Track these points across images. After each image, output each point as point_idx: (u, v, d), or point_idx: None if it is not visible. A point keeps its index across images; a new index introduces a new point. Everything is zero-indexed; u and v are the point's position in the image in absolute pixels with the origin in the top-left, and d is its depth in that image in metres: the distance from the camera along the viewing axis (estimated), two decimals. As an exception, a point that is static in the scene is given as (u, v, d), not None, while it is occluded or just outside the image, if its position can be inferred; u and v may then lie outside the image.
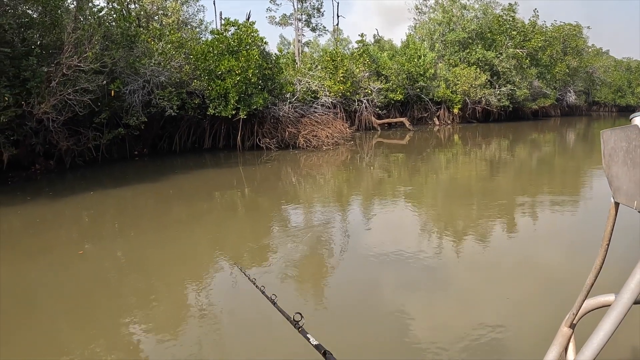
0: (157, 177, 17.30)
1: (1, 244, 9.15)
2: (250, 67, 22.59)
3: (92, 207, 12.42)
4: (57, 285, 6.91)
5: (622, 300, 1.14)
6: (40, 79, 15.91)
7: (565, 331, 1.63)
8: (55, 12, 17.45)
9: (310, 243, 8.47)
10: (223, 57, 22.83)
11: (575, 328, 1.64)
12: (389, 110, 38.13)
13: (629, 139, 1.18)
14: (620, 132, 1.24)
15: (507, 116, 46.80)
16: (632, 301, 1.14)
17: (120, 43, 20.13)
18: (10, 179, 16.62)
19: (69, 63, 15.92)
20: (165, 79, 21.20)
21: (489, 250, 7.84)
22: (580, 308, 1.58)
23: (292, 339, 4.55)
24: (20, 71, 16.16)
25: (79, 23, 17.51)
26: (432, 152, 23.64)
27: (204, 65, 22.98)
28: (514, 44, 44.70)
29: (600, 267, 1.46)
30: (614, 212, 1.37)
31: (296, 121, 25.10)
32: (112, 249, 8.83)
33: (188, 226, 10.21)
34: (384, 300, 5.91)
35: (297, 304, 5.82)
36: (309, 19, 36.41)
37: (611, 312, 1.15)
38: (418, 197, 12.77)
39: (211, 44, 23.49)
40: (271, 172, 18.35)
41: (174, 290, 6.54)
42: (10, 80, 15.61)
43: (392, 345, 4.80)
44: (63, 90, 16.07)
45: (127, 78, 20.48)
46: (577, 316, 1.61)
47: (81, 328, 5.44)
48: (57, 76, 15.99)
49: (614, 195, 1.32)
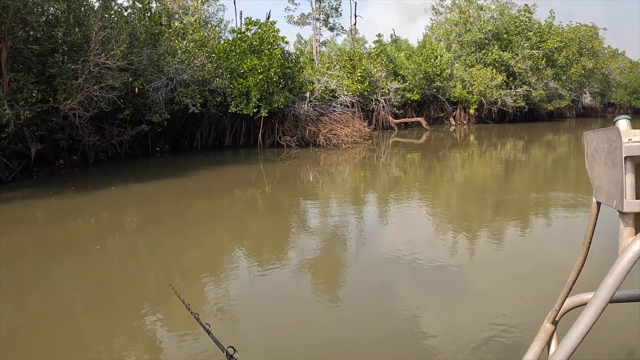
0: (178, 173, 17.25)
1: (23, 238, 9.18)
2: (272, 66, 22.48)
3: (114, 202, 12.37)
4: (75, 279, 6.83)
5: (600, 297, 1.16)
6: (67, 75, 15.90)
7: (548, 327, 1.65)
8: (79, 10, 17.48)
9: (327, 241, 8.41)
10: (245, 56, 22.71)
11: (557, 325, 1.66)
12: (405, 109, 37.86)
13: (610, 141, 1.21)
14: (602, 133, 1.27)
15: (522, 117, 46.24)
16: (609, 298, 1.16)
17: (144, 41, 20.12)
18: (35, 173, 16.72)
19: (96, 60, 15.90)
20: (189, 77, 21.16)
21: (503, 250, 7.72)
22: (562, 305, 1.61)
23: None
24: (46, 68, 16.19)
25: (106, 21, 17.52)
26: (448, 152, 23.44)
27: (226, 64, 22.89)
28: (530, 44, 44.18)
29: (581, 265, 1.50)
30: (596, 211, 1.40)
31: (316, 120, 24.91)
32: (130, 244, 8.76)
33: (208, 222, 10.12)
34: (398, 299, 5.80)
35: (312, 303, 5.74)
36: (326, 19, 36.24)
37: (589, 308, 1.17)
38: (434, 197, 12.59)
39: (233, 43, 23.39)
40: (292, 170, 18.22)
41: (191, 285, 6.45)
42: (37, 76, 15.65)
43: (404, 343, 4.70)
44: (89, 86, 16.06)
45: (151, 76, 20.46)
46: (559, 313, 1.64)
47: (98, 321, 5.38)
48: (84, 73, 15.97)
49: (596, 194, 1.35)
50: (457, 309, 5.38)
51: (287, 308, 5.59)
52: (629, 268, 1.17)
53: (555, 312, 1.64)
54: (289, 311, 5.50)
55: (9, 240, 9.00)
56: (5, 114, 13.42)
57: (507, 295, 5.83)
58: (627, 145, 1.15)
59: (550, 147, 26.20)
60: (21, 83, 14.68)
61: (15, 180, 15.31)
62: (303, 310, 5.53)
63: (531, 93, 43.45)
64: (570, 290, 1.57)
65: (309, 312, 5.47)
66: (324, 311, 5.49)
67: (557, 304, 1.62)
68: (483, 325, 4.89)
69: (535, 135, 34.53)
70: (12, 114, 13.71)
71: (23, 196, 13.06)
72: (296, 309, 5.57)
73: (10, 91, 14.56)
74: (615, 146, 1.19)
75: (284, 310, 5.54)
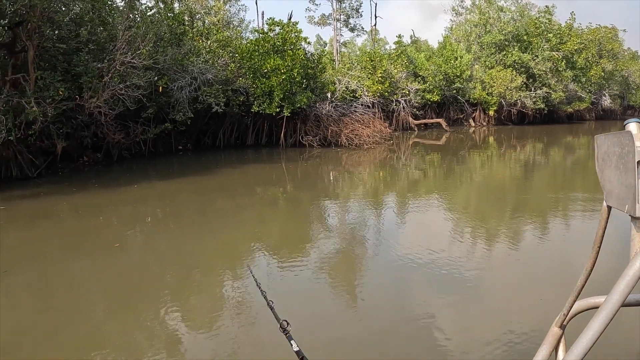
0: (200, 172, 17.19)
1: (44, 235, 9.13)
2: (295, 66, 22.18)
3: (136, 200, 12.34)
4: (96, 275, 6.78)
5: (611, 301, 1.13)
6: (93, 74, 15.80)
7: (556, 331, 1.63)
8: (103, 9, 17.40)
9: (346, 240, 8.35)
10: (268, 56, 22.44)
11: (565, 329, 1.63)
12: (425, 110, 37.36)
13: (621, 145, 1.20)
14: (613, 137, 1.25)
15: (542, 119, 45.45)
16: (620, 303, 1.13)
17: (168, 40, 19.98)
18: (60, 169, 16.75)
19: (123, 59, 15.75)
20: (212, 77, 20.97)
21: (522, 252, 7.55)
22: (571, 309, 1.58)
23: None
24: (71, 66, 16.11)
25: (131, 21, 17.39)
26: (468, 154, 23.08)
27: (249, 64, 22.63)
28: (550, 46, 43.43)
29: (591, 269, 1.48)
30: (606, 215, 1.37)
31: (338, 120, 24.58)
32: (151, 241, 8.72)
33: (230, 220, 10.03)
34: (415, 300, 5.74)
35: (329, 301, 5.71)
36: (347, 19, 35.81)
37: (600, 313, 1.14)
38: (452, 198, 12.35)
39: (257, 43, 23.12)
40: (314, 169, 18.07)
41: (211, 283, 6.43)
42: (63, 75, 15.56)
43: (420, 344, 4.67)
44: (115, 85, 15.93)
45: (174, 75, 20.30)
46: (567, 317, 1.61)
47: (118, 319, 5.33)
48: (110, 72, 15.83)
49: (606, 198, 1.33)
50: (474, 311, 5.32)
51: (304, 306, 5.56)
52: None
53: (564, 316, 1.61)
54: (306, 309, 5.47)
55: (33, 235, 9.00)
56: (32, 111, 13.29)
57: (525, 297, 5.68)
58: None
59: (570, 150, 25.61)
60: (48, 81, 14.56)
61: (40, 176, 15.36)
62: (320, 307, 5.51)
63: (551, 95, 42.66)
64: (578, 294, 1.54)
65: (326, 309, 5.44)
66: (340, 309, 5.47)
67: (565, 307, 1.59)
68: (500, 328, 4.84)
69: (555, 137, 33.89)
70: (39, 111, 13.58)
71: (48, 192, 13.10)
72: (313, 306, 5.55)
73: (36, 89, 14.46)
74: (628, 150, 1.16)
75: (301, 307, 5.51)
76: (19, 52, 14.86)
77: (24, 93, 14.01)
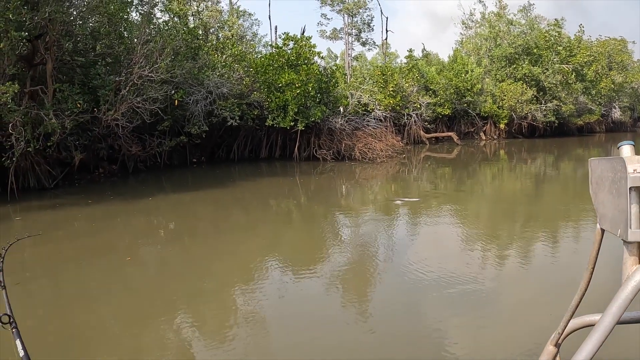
0: (215, 184, 17.14)
1: (58, 246, 9.10)
2: (310, 80, 22.06)
3: (151, 212, 12.32)
4: (107, 288, 6.72)
5: (605, 322, 1.14)
6: (110, 87, 15.76)
7: (551, 349, 1.62)
8: (120, 23, 17.41)
9: (358, 254, 8.29)
10: (283, 71, 22.35)
11: (560, 347, 1.63)
12: (436, 124, 37.02)
13: (614, 170, 1.19)
14: (606, 162, 1.25)
15: (552, 132, 44.95)
16: (614, 324, 1.13)
17: (184, 54, 19.95)
18: (77, 181, 16.77)
19: (141, 73, 15.69)
20: (227, 90, 20.90)
21: (533, 267, 7.43)
22: (566, 328, 1.58)
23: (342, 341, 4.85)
24: (88, 79, 16.08)
25: (148, 35, 17.37)
26: (479, 167, 22.94)
27: (263, 78, 22.52)
28: (559, 59, 43.11)
29: (585, 289, 1.49)
30: (599, 237, 1.37)
31: (351, 133, 24.37)
32: (165, 254, 8.67)
33: (243, 233, 9.94)
34: (425, 315, 5.69)
35: (340, 316, 5.63)
36: (359, 34, 35.75)
37: (595, 332, 1.14)
38: (464, 212, 12.17)
39: (271, 57, 23.06)
40: (328, 182, 17.96)
41: (224, 295, 6.44)
42: (80, 87, 15.53)
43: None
44: (132, 98, 15.86)
45: (190, 88, 20.25)
46: (562, 335, 1.61)
47: (131, 330, 5.34)
48: (128, 85, 15.76)
49: (600, 221, 1.32)
50: (485, 327, 5.27)
51: (315, 320, 5.54)
52: (632, 296, 1.16)
53: (558, 334, 1.62)
54: (317, 323, 5.45)
55: (47, 246, 8.97)
56: (51, 123, 13.20)
57: (535, 313, 5.55)
58: (633, 175, 1.13)
59: (580, 162, 25.14)
60: (66, 93, 14.52)
61: (57, 187, 15.38)
62: (331, 322, 5.46)
63: (561, 108, 42.24)
64: (573, 313, 1.56)
65: (336, 325, 5.39)
66: (351, 325, 5.39)
67: (560, 326, 1.60)
68: (508, 344, 4.81)
69: (565, 150, 33.59)
70: (57, 123, 13.51)
71: (64, 203, 13.12)
72: (324, 321, 5.51)
73: (55, 101, 14.41)
74: (620, 176, 1.16)
75: (313, 322, 5.50)
76: (37, 65, 14.83)
77: (43, 105, 13.94)
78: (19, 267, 7.65)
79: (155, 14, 20.88)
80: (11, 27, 12.36)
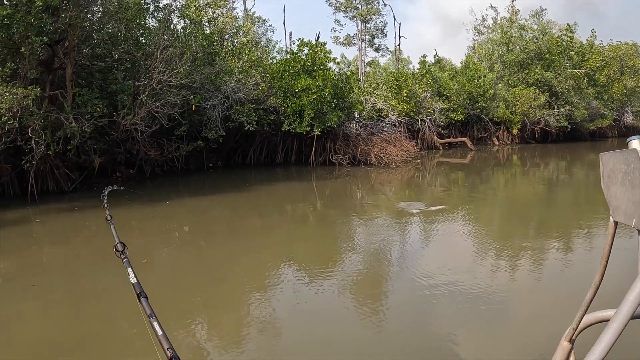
0: (231, 189, 17.05)
1: (75, 249, 9.09)
2: (326, 86, 21.86)
3: (168, 216, 12.29)
4: (122, 290, 6.54)
5: (621, 314, 1.13)
6: (128, 92, 15.64)
7: (565, 345, 1.61)
8: (138, 29, 17.32)
9: (372, 259, 8.25)
10: (299, 76, 22.16)
11: (574, 343, 1.61)
12: (450, 129, 36.63)
13: (627, 162, 1.20)
14: (619, 155, 1.25)
15: (564, 137, 44.45)
16: (630, 314, 1.13)
17: (201, 60, 19.83)
18: (95, 184, 16.71)
19: (160, 78, 15.56)
20: (244, 96, 20.75)
21: (547, 272, 7.37)
22: (580, 323, 1.56)
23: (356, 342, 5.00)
24: (106, 84, 15.98)
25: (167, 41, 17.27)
26: (492, 172, 22.74)
27: (280, 84, 22.34)
28: (572, 64, 42.63)
29: (599, 283, 1.47)
30: (613, 230, 1.37)
31: (367, 139, 24.15)
32: (181, 256, 8.67)
33: (259, 238, 9.87)
34: (438, 321, 5.65)
35: (353, 322, 5.62)
36: (372, 40, 35.56)
37: (610, 326, 1.14)
38: (477, 218, 12.14)
39: (287, 63, 22.90)
40: (344, 187, 17.86)
41: (239, 298, 6.44)
42: (99, 92, 15.43)
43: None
44: (151, 103, 15.72)
45: (207, 93, 20.12)
46: (576, 331, 1.59)
47: (144, 334, 5.20)
48: (147, 90, 15.63)
49: (613, 214, 1.32)
50: (499, 334, 5.28)
51: (328, 325, 5.55)
52: None
53: (573, 330, 1.60)
54: (330, 328, 5.47)
55: (64, 248, 9.03)
56: (71, 127, 13.07)
57: (549, 319, 5.48)
58: None
59: (593, 167, 24.80)
60: (85, 98, 14.41)
61: (75, 190, 15.35)
62: (343, 328, 5.48)
63: (573, 113, 41.77)
64: (587, 308, 1.52)
65: (349, 330, 5.40)
66: (364, 330, 5.40)
67: (574, 322, 1.58)
68: (521, 349, 4.80)
69: (578, 155, 33.12)
70: (77, 127, 13.39)
71: (82, 206, 13.12)
72: (337, 326, 5.52)
73: (74, 105, 14.29)
74: (634, 167, 1.17)
75: (325, 326, 5.52)
76: (56, 69, 14.72)
77: (62, 109, 13.82)
78: (38, 268, 7.66)
79: (172, 20, 20.77)
80: (32, 32, 12.25)
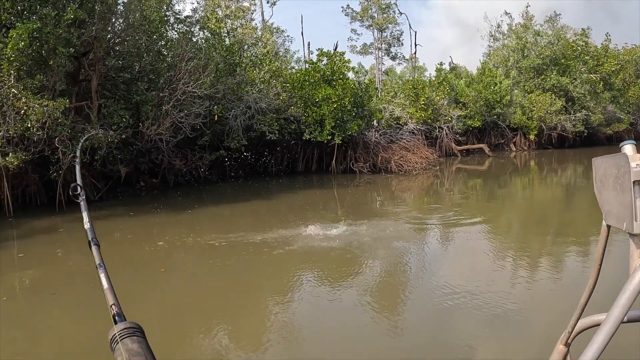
0: (253, 198, 17.00)
1: (108, 254, 8.76)
2: (346, 95, 21.66)
3: (191, 224, 12.23)
4: (141, 297, 6.70)
5: (613, 316, 1.14)
6: (152, 102, 15.56)
7: (561, 349, 1.60)
8: (159, 41, 17.27)
9: (390, 270, 8.16)
10: (319, 86, 21.97)
11: (570, 346, 1.60)
12: (467, 136, 36.12)
13: (618, 166, 1.21)
14: (610, 159, 1.27)
15: (581, 142, 43.72)
16: (622, 317, 1.13)
17: (223, 71, 19.73)
18: (119, 194, 16.79)
19: (185, 88, 15.48)
20: (266, 105, 20.60)
21: (564, 280, 7.28)
22: (575, 327, 1.56)
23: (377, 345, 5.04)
24: (131, 95, 15.92)
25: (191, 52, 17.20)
26: (509, 178, 22.63)
27: (300, 93, 22.18)
28: (587, 69, 41.95)
29: (593, 286, 1.48)
30: (606, 234, 1.38)
31: (386, 146, 23.86)
32: (202, 264, 8.71)
33: (280, 246, 9.70)
34: (456, 330, 5.60)
35: (371, 330, 5.59)
36: (388, 48, 35.30)
37: (601, 329, 1.14)
38: (496, 225, 11.89)
39: (307, 73, 22.74)
40: (364, 195, 17.84)
41: (258, 307, 6.42)
42: (124, 103, 15.38)
43: None
44: (176, 113, 15.62)
45: (229, 104, 20.00)
46: (571, 334, 1.58)
47: (168, 340, 5.31)
48: (171, 100, 15.53)
49: (605, 218, 1.33)
50: (514, 341, 5.24)
51: (346, 332, 5.54)
52: (639, 288, 1.16)
53: (568, 333, 1.57)
54: (348, 335, 5.45)
55: (86, 258, 8.63)
56: (98, 137, 12.99)
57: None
58: (636, 170, 1.14)
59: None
60: (111, 109, 14.35)
61: (101, 199, 15.39)
62: (362, 335, 5.45)
63: (590, 117, 41.03)
64: (582, 311, 1.51)
65: (368, 337, 5.37)
66: (382, 338, 5.36)
67: (569, 325, 1.55)
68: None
69: (595, 160, 32.70)
70: (104, 137, 13.32)
71: (107, 215, 13.16)
72: (355, 333, 5.50)
73: (100, 116, 14.22)
74: (624, 171, 1.18)
75: (344, 333, 5.51)
76: (81, 81, 14.67)
77: (88, 120, 13.75)
78: (61, 276, 7.73)
79: (194, 32, 20.71)
80: (60, 44, 12.17)
